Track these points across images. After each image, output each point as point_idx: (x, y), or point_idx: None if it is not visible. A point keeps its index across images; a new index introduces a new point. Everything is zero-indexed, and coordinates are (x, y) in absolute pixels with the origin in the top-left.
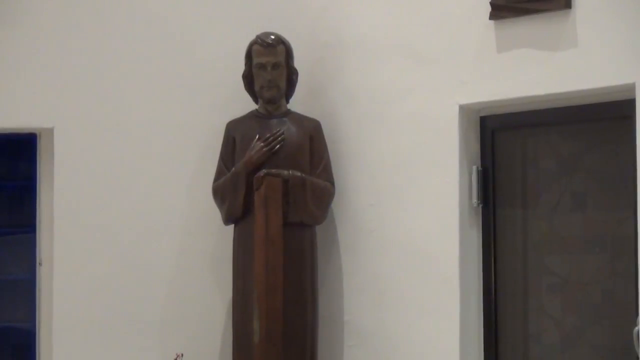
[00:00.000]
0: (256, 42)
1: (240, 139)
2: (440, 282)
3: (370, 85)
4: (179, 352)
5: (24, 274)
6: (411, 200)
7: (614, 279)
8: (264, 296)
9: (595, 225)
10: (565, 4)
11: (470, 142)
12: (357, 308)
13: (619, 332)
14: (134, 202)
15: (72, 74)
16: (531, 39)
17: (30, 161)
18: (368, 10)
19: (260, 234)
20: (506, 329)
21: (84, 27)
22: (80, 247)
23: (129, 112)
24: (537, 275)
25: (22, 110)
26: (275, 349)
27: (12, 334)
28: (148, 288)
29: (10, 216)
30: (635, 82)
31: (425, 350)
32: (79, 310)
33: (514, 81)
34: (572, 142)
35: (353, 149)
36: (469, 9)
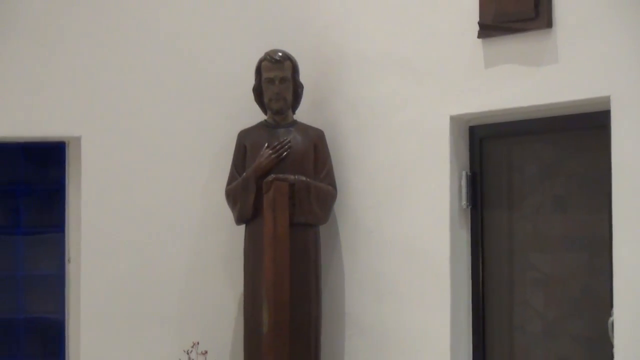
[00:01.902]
0: (265, 58)
1: (250, 147)
2: (433, 278)
3: (369, 98)
4: (195, 341)
5: (54, 270)
6: (406, 203)
7: (591, 275)
8: (272, 290)
9: (574, 226)
10: (546, 23)
11: (460, 149)
12: (357, 301)
13: (595, 322)
14: (154, 204)
15: (98, 88)
16: (516, 56)
17: (60, 167)
18: (367, 29)
19: (269, 234)
20: (493, 320)
21: (109, 46)
22: (105, 246)
23: (149, 122)
24: (522, 271)
25: (52, 120)
26: (282, 338)
27: (44, 324)
28: (167, 283)
29: (41, 217)
30: (610, 95)
31: (418, 339)
32: (104, 303)
33: (500, 94)
34: (554, 150)
35: (353, 155)
36: (459, 28)
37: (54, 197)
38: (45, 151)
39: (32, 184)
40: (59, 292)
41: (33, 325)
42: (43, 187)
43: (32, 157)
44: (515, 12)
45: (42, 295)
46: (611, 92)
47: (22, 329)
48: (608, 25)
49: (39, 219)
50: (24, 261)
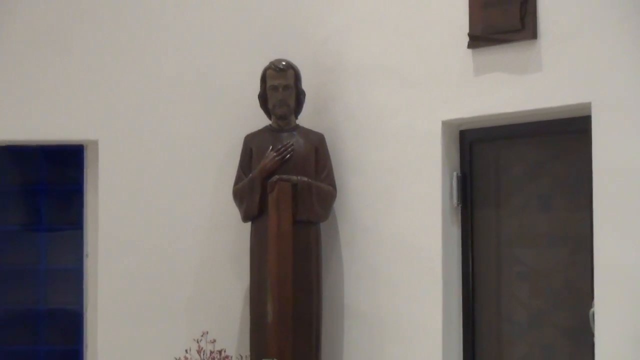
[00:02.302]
0: (270, 67)
1: (256, 150)
2: (426, 272)
3: (366, 104)
4: (205, 330)
5: (73, 264)
6: (401, 202)
7: (573, 269)
8: (276, 283)
9: (557, 223)
10: (532, 35)
11: (451, 152)
12: (355, 293)
13: (577, 313)
14: (166, 203)
15: (114, 96)
16: (503, 65)
17: (78, 169)
18: (364, 40)
19: (273, 230)
20: (482, 311)
21: (125, 57)
22: (121, 242)
23: (162, 127)
24: (508, 265)
25: (71, 125)
26: (285, 328)
27: (63, 315)
28: (178, 276)
29: (61, 215)
30: (591, 102)
31: (412, 329)
32: (120, 295)
33: (489, 100)
34: (538, 152)
35: (352, 158)
36: (450, 39)
37: (73, 196)
38: (64, 154)
39: (52, 185)
40: (78, 284)
41: (53, 316)
42: (63, 187)
43: (53, 159)
44: (503, 24)
45: (62, 287)
46: (592, 99)
47: (44, 319)
48: (589, 36)
49: (59, 217)
50: (45, 256)
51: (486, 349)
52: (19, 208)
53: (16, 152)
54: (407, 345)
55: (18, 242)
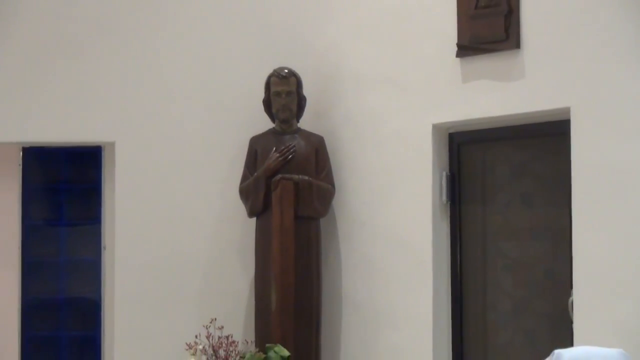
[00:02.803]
0: (273, 74)
1: (260, 151)
2: (417, 263)
3: (363, 109)
4: (213, 317)
5: (92, 256)
6: (395, 199)
7: (553, 261)
8: (279, 274)
9: (539, 219)
10: (515, 45)
11: (441, 153)
12: (352, 284)
13: (557, 302)
14: (178, 200)
15: (130, 100)
16: (489, 72)
17: (97, 168)
18: (361, 50)
19: (277, 225)
20: (469, 299)
21: (141, 65)
22: (137, 235)
23: (174, 129)
24: (493, 257)
25: (90, 128)
26: (288, 316)
27: (82, 303)
28: (189, 267)
29: (80, 211)
30: (570, 107)
31: (404, 316)
32: (135, 285)
33: (476, 105)
34: (521, 153)
35: (349, 158)
36: (440, 49)
37: (92, 194)
38: (84, 154)
39: (73, 183)
40: (96, 275)
41: (73, 304)
42: (82, 185)
43: (73, 159)
44: (488, 35)
45: (81, 278)
46: (571, 104)
47: (64, 307)
48: (568, 46)
49: (79, 213)
50: (66, 249)
51: (473, 334)
52: (42, 204)
53: (40, 152)
54: (400, 332)
55: (41, 236)
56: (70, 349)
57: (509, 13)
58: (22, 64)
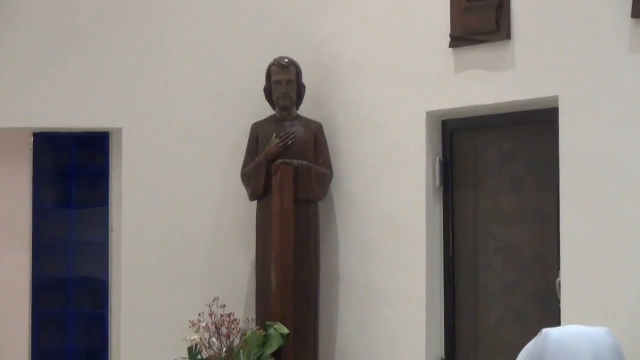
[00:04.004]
0: (274, 64)
1: (261, 137)
2: (411, 245)
3: (360, 97)
4: (215, 296)
5: (100, 237)
6: (390, 183)
7: (541, 243)
8: (279, 255)
9: (527, 202)
10: (506, 36)
11: (434, 139)
12: (349, 264)
13: (545, 282)
14: (182, 183)
15: (136, 88)
16: (480, 62)
17: (104, 153)
18: (358, 41)
19: (277, 208)
20: (461, 280)
21: (147, 55)
22: (142, 218)
23: (178, 116)
24: (485, 240)
25: (98, 114)
26: (287, 295)
27: (91, 282)
28: (192, 248)
29: (88, 194)
30: (558, 95)
31: (399, 295)
32: (141, 264)
33: (468, 93)
34: (511, 140)
35: (347, 144)
36: (434, 40)
37: (100, 177)
38: (92, 140)
39: (81, 167)
40: (103, 255)
41: (82, 283)
42: (90, 169)
43: (82, 144)
44: (480, 26)
45: (89, 258)
46: (559, 93)
47: (73, 286)
48: (557, 37)
49: (87, 196)
50: (75, 230)
51: (465, 313)
52: (52, 188)
53: (50, 138)
54: (394, 310)
55: (51, 218)
56: (79, 326)
57: (500, 6)
58: (33, 52)
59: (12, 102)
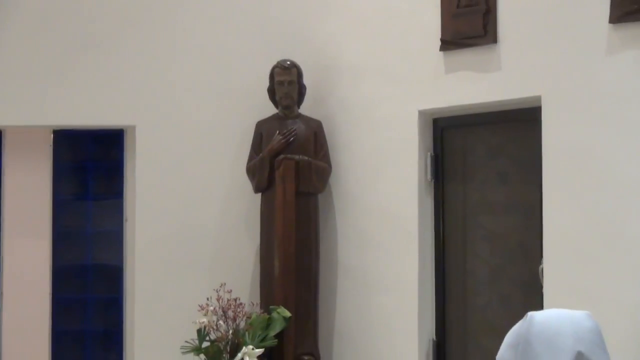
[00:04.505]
0: (277, 66)
1: (265, 134)
2: (404, 234)
3: (357, 97)
4: (223, 282)
5: (115, 227)
6: (385, 177)
7: (525, 232)
8: (281, 243)
9: (513, 195)
10: (493, 40)
11: (426, 136)
12: (347, 252)
13: (529, 269)
14: (192, 177)
15: (149, 90)
16: (469, 64)
17: (119, 148)
18: (355, 44)
19: (280, 200)
20: (451, 267)
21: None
22: (155, 209)
23: (188, 115)
24: (473, 229)
25: (114, 113)
26: (289, 280)
27: (106, 269)
28: (201, 237)
29: (104, 187)
30: (541, 95)
31: (393, 281)
32: (154, 252)
33: (457, 93)
34: (498, 136)
35: (344, 141)
36: (425, 43)
37: (115, 171)
38: (108, 136)
39: (98, 162)
40: (118, 244)
41: (98, 270)
42: (106, 164)
43: (99, 140)
44: (469, 31)
45: (105, 246)
46: (542, 93)
47: (90, 273)
48: (540, 41)
49: (103, 188)
50: (92, 221)
51: (454, 297)
52: (71, 181)
53: (69, 135)
54: (389, 295)
55: (70, 209)
56: (96, 309)
57: (487, 12)
58: (54, 55)
59: (34, 102)
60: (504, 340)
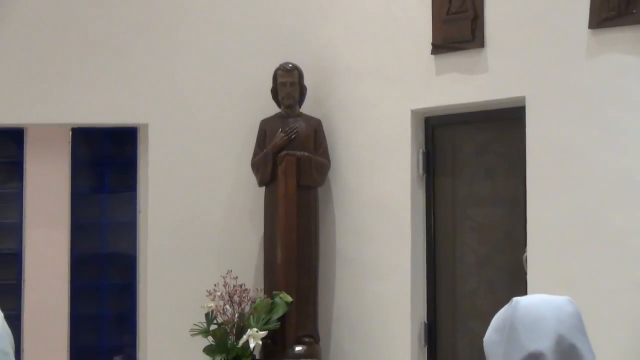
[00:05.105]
0: (279, 68)
1: (269, 131)
2: (398, 225)
3: (354, 97)
4: (229, 269)
5: (129, 218)
6: (380, 171)
7: (511, 223)
8: (283, 233)
9: (499, 188)
10: (480, 44)
11: (418, 133)
12: (344, 241)
13: (514, 257)
14: (201, 172)
15: (160, 90)
16: (458, 67)
17: (133, 145)
18: (353, 47)
19: (282, 193)
20: (441, 255)
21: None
22: (166, 201)
23: (197, 114)
24: (461, 220)
25: (127, 111)
26: (291, 268)
27: (121, 257)
28: (209, 228)
29: (119, 181)
30: (525, 96)
31: (387, 269)
32: (165, 242)
33: (447, 94)
34: (485, 134)
35: (342, 138)
36: (418, 47)
37: (129, 166)
38: (122, 134)
39: (113, 158)
40: (132, 234)
41: (113, 258)
42: (121, 159)
43: (114, 138)
44: (458, 36)
45: (120, 236)
46: (526, 93)
47: (106, 261)
48: (524, 45)
49: (118, 182)
50: (107, 212)
51: (444, 284)
52: (88, 176)
53: (86, 132)
54: (383, 282)
55: (87, 202)
56: (111, 295)
57: (475, 18)
58: (72, 59)
59: (53, 102)
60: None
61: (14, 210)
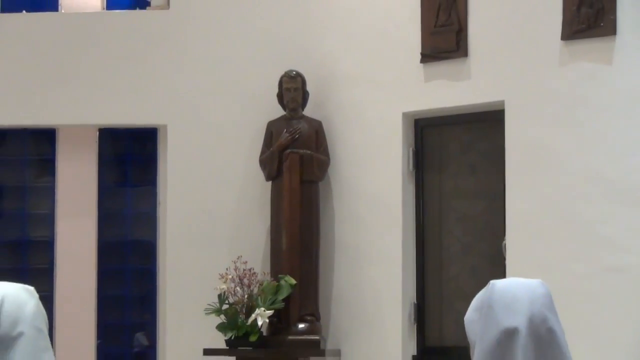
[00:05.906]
0: (285, 75)
1: (275, 132)
2: (390, 216)
3: (351, 101)
4: (240, 255)
5: (150, 209)
6: (374, 168)
7: (491, 214)
8: (288, 223)
9: (481, 183)
10: (464, 54)
11: (408, 133)
12: (342, 231)
13: (494, 245)
14: (214, 168)
15: (179, 94)
16: (444, 74)
17: (153, 144)
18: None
19: (287, 187)
20: (429, 243)
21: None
22: (183, 194)
23: (211, 116)
24: (447, 212)
25: (148, 113)
26: (295, 254)
27: (142, 245)
28: (222, 218)
29: (141, 176)
30: (504, 100)
31: (380, 255)
32: (182, 230)
33: (435, 98)
34: (469, 134)
35: (341, 137)
36: (408, 56)
37: (150, 163)
38: (144, 134)
39: (136, 155)
40: (153, 223)
41: (136, 246)
42: (143, 157)
43: (136, 137)
44: (444, 46)
45: (141, 225)
46: (505, 98)
47: (129, 248)
48: (503, 55)
49: (140, 177)
50: (131, 204)
51: (431, 269)
52: (113, 171)
53: (112, 132)
54: (377, 266)
55: (112, 194)
56: (134, 278)
57: (460, 30)
58: (99, 65)
59: (83, 105)
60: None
61: (47, 203)
